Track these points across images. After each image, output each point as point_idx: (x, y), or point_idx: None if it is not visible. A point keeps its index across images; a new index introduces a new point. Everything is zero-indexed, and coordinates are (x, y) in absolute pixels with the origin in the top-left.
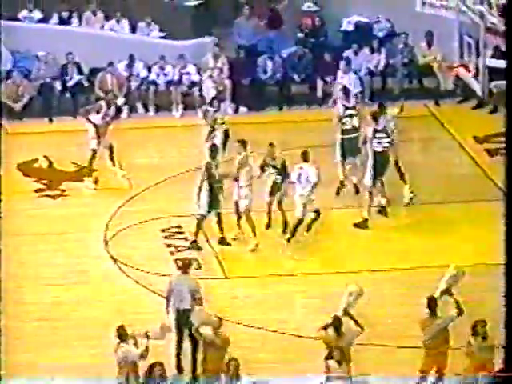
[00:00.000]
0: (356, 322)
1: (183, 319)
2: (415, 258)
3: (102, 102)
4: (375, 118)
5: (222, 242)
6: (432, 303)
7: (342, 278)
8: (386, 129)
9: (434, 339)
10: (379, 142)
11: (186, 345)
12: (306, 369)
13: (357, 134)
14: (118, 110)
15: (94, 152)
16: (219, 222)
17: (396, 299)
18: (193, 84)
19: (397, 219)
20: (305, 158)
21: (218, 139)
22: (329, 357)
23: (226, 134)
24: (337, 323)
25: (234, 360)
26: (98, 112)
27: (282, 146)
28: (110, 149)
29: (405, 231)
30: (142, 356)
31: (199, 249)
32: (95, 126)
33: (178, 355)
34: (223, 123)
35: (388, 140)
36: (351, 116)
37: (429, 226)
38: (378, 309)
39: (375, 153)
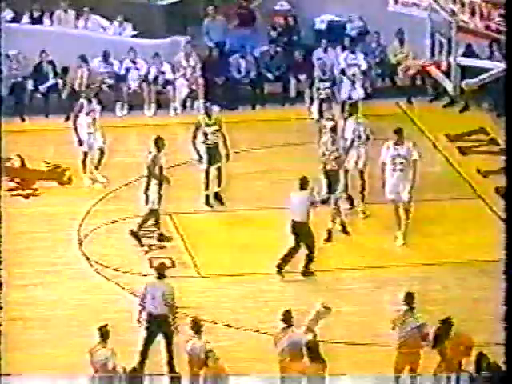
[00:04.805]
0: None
1: (155, 324)
2: (389, 256)
3: (82, 100)
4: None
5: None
6: (409, 299)
7: (319, 277)
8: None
9: (407, 338)
10: None
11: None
12: None
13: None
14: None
15: (86, 154)
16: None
17: (370, 297)
18: (167, 83)
19: (371, 218)
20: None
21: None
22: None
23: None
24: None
25: None
26: (80, 111)
27: (255, 144)
28: (101, 152)
29: (377, 229)
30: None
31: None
32: (84, 126)
33: (144, 354)
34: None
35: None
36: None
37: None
38: (351, 307)
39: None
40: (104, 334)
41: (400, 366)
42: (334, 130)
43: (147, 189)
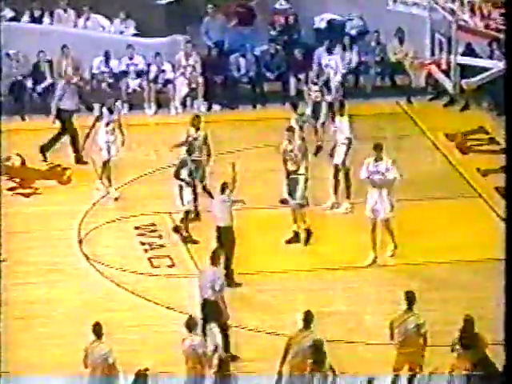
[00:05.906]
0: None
1: (205, 310)
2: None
3: (104, 109)
4: None
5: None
6: (411, 297)
7: (320, 275)
8: None
9: (406, 337)
10: None
11: None
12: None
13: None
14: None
15: (105, 163)
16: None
17: (368, 296)
18: (167, 82)
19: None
20: None
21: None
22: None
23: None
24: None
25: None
26: (98, 119)
27: (255, 143)
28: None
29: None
30: None
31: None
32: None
33: None
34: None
35: None
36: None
37: (398, 224)
38: (350, 306)
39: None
40: (98, 331)
41: (399, 366)
42: (290, 130)
43: (181, 191)
